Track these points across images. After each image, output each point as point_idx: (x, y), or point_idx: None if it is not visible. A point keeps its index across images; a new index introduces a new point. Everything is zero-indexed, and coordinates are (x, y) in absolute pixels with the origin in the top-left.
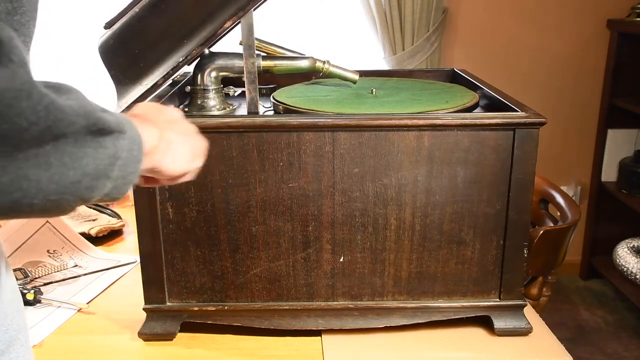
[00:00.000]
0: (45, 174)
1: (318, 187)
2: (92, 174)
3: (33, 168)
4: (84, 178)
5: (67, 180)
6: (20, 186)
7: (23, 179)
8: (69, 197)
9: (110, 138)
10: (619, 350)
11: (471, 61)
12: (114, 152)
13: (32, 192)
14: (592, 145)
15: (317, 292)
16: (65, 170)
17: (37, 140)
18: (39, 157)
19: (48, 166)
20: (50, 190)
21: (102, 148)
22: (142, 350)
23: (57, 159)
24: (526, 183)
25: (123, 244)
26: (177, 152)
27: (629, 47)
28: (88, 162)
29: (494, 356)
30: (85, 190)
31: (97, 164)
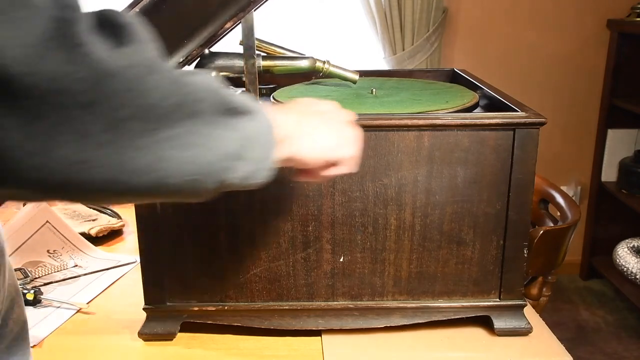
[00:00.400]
0: (183, 154)
1: (318, 187)
2: (227, 155)
3: (170, 149)
4: (219, 159)
5: (204, 161)
6: (159, 167)
7: (161, 160)
8: (205, 179)
9: (241, 120)
10: (619, 350)
11: (471, 61)
12: (245, 134)
13: (169, 173)
14: (592, 145)
15: (317, 292)
16: (201, 151)
17: (171, 119)
18: (175, 138)
19: (184, 147)
20: (186, 171)
21: (233, 129)
22: (142, 350)
23: (193, 141)
24: (526, 183)
25: (123, 244)
26: (316, 139)
27: (629, 47)
28: (222, 143)
29: (494, 356)
30: (222, 171)
31: (229, 145)
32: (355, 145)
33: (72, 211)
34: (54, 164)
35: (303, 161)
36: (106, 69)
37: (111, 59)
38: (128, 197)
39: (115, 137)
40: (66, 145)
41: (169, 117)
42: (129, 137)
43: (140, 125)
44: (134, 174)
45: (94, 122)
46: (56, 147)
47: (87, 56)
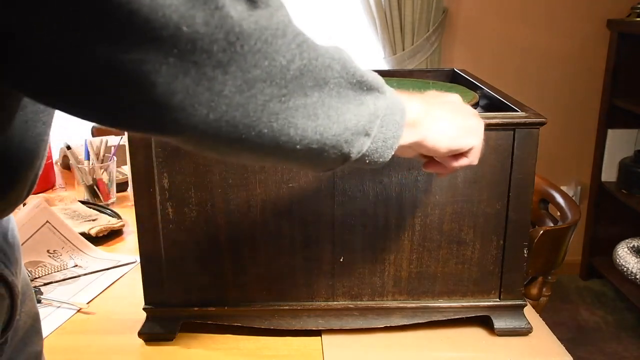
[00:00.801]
0: (311, 124)
1: (318, 187)
2: (353, 129)
3: (301, 118)
4: (345, 132)
5: (330, 132)
6: (289, 132)
7: (292, 126)
8: (329, 149)
9: (370, 96)
10: (619, 350)
11: (471, 61)
12: (374, 110)
13: (297, 139)
14: (592, 145)
15: (317, 292)
16: (329, 122)
17: (301, 86)
18: (307, 107)
19: (315, 117)
20: (313, 140)
21: (363, 105)
22: (142, 350)
23: (323, 112)
24: (526, 183)
25: (123, 244)
26: (444, 127)
27: (629, 47)
28: (350, 117)
29: (494, 356)
30: (345, 144)
31: (357, 120)
32: (480, 135)
33: (72, 211)
34: (189, 119)
35: (429, 148)
36: (242, 31)
37: (247, 21)
38: (250, 156)
39: (248, 100)
40: (202, 105)
41: (299, 82)
42: (261, 100)
43: (271, 90)
44: (262, 136)
45: (227, 82)
46: (195, 104)
47: (226, 18)
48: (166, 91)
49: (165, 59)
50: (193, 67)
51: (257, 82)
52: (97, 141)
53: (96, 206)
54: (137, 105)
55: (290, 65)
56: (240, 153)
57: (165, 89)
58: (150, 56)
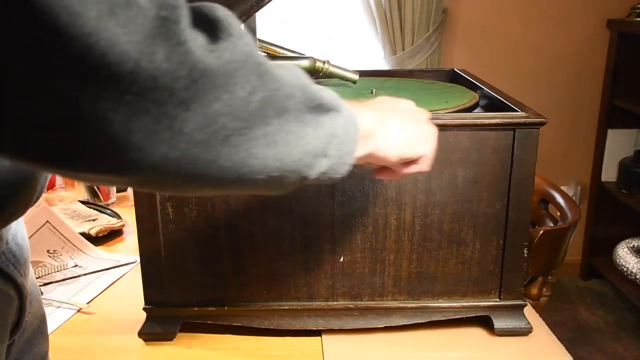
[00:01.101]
0: (271, 152)
1: (318, 187)
2: (312, 153)
3: (261, 147)
4: (305, 156)
5: (290, 159)
6: (249, 163)
7: (252, 157)
8: (289, 175)
9: (328, 116)
10: (619, 350)
11: (471, 61)
12: (332, 130)
13: (257, 169)
14: (592, 145)
15: (317, 292)
16: (289, 148)
17: (262, 116)
18: (267, 136)
19: (274, 145)
20: (273, 168)
21: (321, 127)
22: (142, 350)
23: (282, 138)
24: (526, 183)
25: (123, 244)
26: (396, 136)
27: (629, 47)
28: (308, 140)
29: (494, 356)
30: (305, 168)
31: (316, 143)
32: (432, 142)
33: (72, 211)
34: (148, 159)
35: (381, 158)
36: (205, 67)
37: (210, 56)
38: (211, 189)
39: (209, 136)
40: (162, 143)
41: (260, 114)
42: (222, 135)
43: (233, 124)
44: (223, 170)
45: (188, 119)
46: (154, 143)
47: (188, 54)
48: (124, 130)
49: (123, 96)
50: (153, 105)
51: (218, 117)
52: None
53: (96, 206)
54: (93, 146)
55: (251, 98)
56: (201, 188)
57: (123, 128)
58: (107, 93)
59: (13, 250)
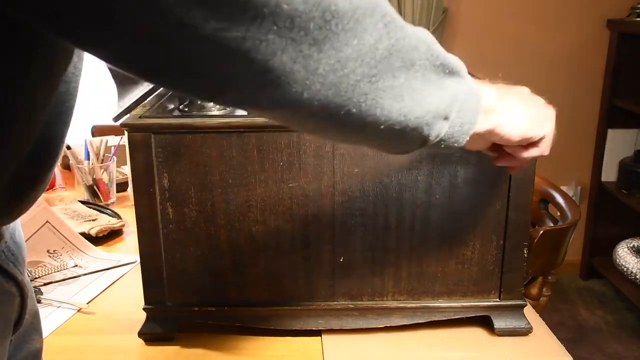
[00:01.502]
0: (397, 105)
1: (318, 187)
2: (434, 112)
3: (389, 99)
4: (427, 115)
5: (413, 114)
6: (375, 113)
7: (379, 107)
8: (410, 131)
9: (451, 80)
10: (619, 350)
11: (471, 61)
12: (454, 94)
13: (382, 119)
14: (592, 145)
15: (317, 292)
16: (414, 104)
17: (389, 66)
18: (394, 89)
19: (400, 99)
20: (397, 121)
21: (444, 89)
22: (142, 350)
23: (409, 94)
24: (526, 183)
25: (123, 244)
26: (517, 115)
27: (629, 47)
28: (432, 100)
29: (494, 356)
30: (426, 127)
31: (439, 103)
32: (551, 124)
33: (72, 211)
34: (284, 97)
35: (502, 136)
36: (337, 9)
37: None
38: (336, 134)
39: (340, 80)
40: (297, 83)
41: (387, 62)
42: (353, 80)
43: (362, 69)
44: (350, 115)
45: (321, 60)
46: (291, 82)
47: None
48: (264, 68)
49: (265, 35)
50: (291, 44)
51: (349, 61)
52: (97, 141)
53: (96, 206)
54: (233, 81)
55: (378, 45)
56: (326, 130)
57: (263, 67)
58: (250, 33)
59: (12, 249)
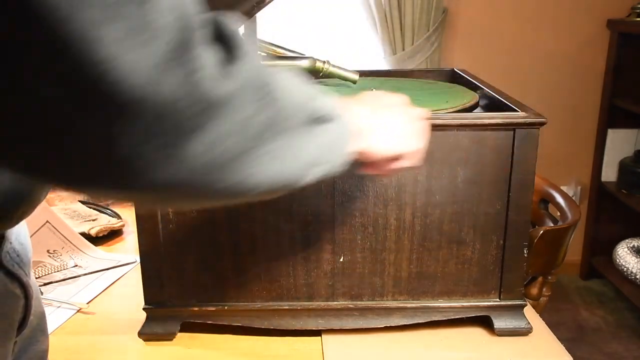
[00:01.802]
0: (270, 168)
1: (318, 187)
2: (310, 163)
3: (261, 165)
4: (304, 167)
5: (289, 172)
6: (248, 181)
7: (252, 175)
8: (287, 183)
9: (326, 125)
10: (619, 350)
11: (471, 61)
12: (329, 139)
13: (256, 184)
14: (592, 145)
15: (317, 292)
16: (288, 162)
17: (264, 138)
18: (267, 154)
19: (274, 161)
20: (272, 182)
21: (319, 137)
22: (142, 350)
23: (282, 154)
24: (526, 183)
25: (123, 244)
26: (387, 133)
27: (629, 47)
28: (306, 152)
29: (494, 356)
30: (302, 177)
31: (314, 153)
32: (422, 138)
33: (72, 211)
34: (152, 182)
35: (373, 155)
36: (212, 98)
37: (218, 86)
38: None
39: (211, 160)
40: (167, 167)
41: (262, 135)
42: (224, 158)
43: (236, 146)
44: (223, 190)
45: (193, 146)
46: (158, 169)
47: (197, 85)
48: (130, 154)
49: (131, 123)
50: (160, 132)
51: (221, 141)
52: None
53: (96, 206)
54: (97, 166)
55: (255, 120)
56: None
57: (129, 152)
58: (115, 119)
59: (17, 250)
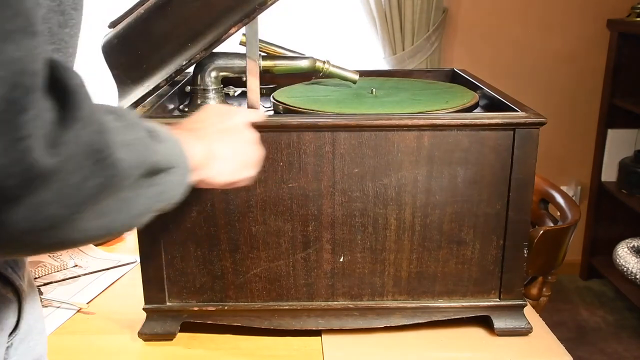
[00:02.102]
0: (97, 222)
1: (318, 187)
2: (142, 211)
3: (87, 221)
4: (133, 218)
5: (117, 223)
6: (72, 237)
7: (76, 232)
8: (118, 233)
9: (161, 175)
10: (619, 350)
11: (471, 61)
12: (164, 187)
13: (79, 239)
14: (592, 145)
15: (317, 292)
16: (118, 215)
17: (93, 201)
18: (95, 212)
19: (101, 217)
20: (97, 233)
21: (153, 186)
22: (142, 350)
23: (114, 210)
24: (526, 183)
25: (123, 244)
26: (223, 167)
27: (629, 47)
28: (139, 202)
29: (494, 356)
30: (131, 225)
31: (147, 202)
32: (255, 165)
33: None
34: None
35: (211, 184)
36: (41, 168)
37: (47, 156)
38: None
39: (34, 225)
40: None
41: (91, 199)
42: (49, 223)
43: (62, 210)
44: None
45: (16, 212)
46: None
47: (25, 152)
48: None
49: None
50: None
51: (47, 206)
52: None
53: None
54: None
55: (84, 186)
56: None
57: None
58: None
59: None
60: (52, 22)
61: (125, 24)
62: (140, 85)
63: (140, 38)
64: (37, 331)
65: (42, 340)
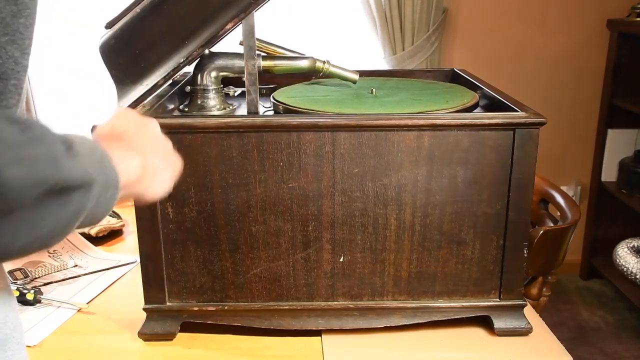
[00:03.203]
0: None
1: (318, 187)
2: (54, 230)
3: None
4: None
5: (17, 245)
6: None
7: None
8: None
9: (76, 193)
10: (619, 350)
11: (471, 61)
12: (80, 205)
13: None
14: (592, 145)
15: (317, 292)
16: (20, 236)
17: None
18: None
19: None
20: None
21: (66, 205)
22: (142, 350)
23: (10, 231)
24: (526, 183)
25: (123, 244)
26: (160, 180)
27: (629, 47)
28: (46, 223)
29: (494, 356)
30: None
31: (58, 222)
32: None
33: None
34: None
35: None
36: None
37: None
38: None
39: None
40: None
41: None
42: None
43: None
44: None
45: None
46: None
47: None
48: None
49: None
50: None
51: None
52: None
53: None
54: None
55: None
56: None
57: None
58: None
59: None
60: (5, 12)
61: (122, 24)
62: (139, 85)
63: (137, 37)
64: (15, 341)
65: (21, 350)
